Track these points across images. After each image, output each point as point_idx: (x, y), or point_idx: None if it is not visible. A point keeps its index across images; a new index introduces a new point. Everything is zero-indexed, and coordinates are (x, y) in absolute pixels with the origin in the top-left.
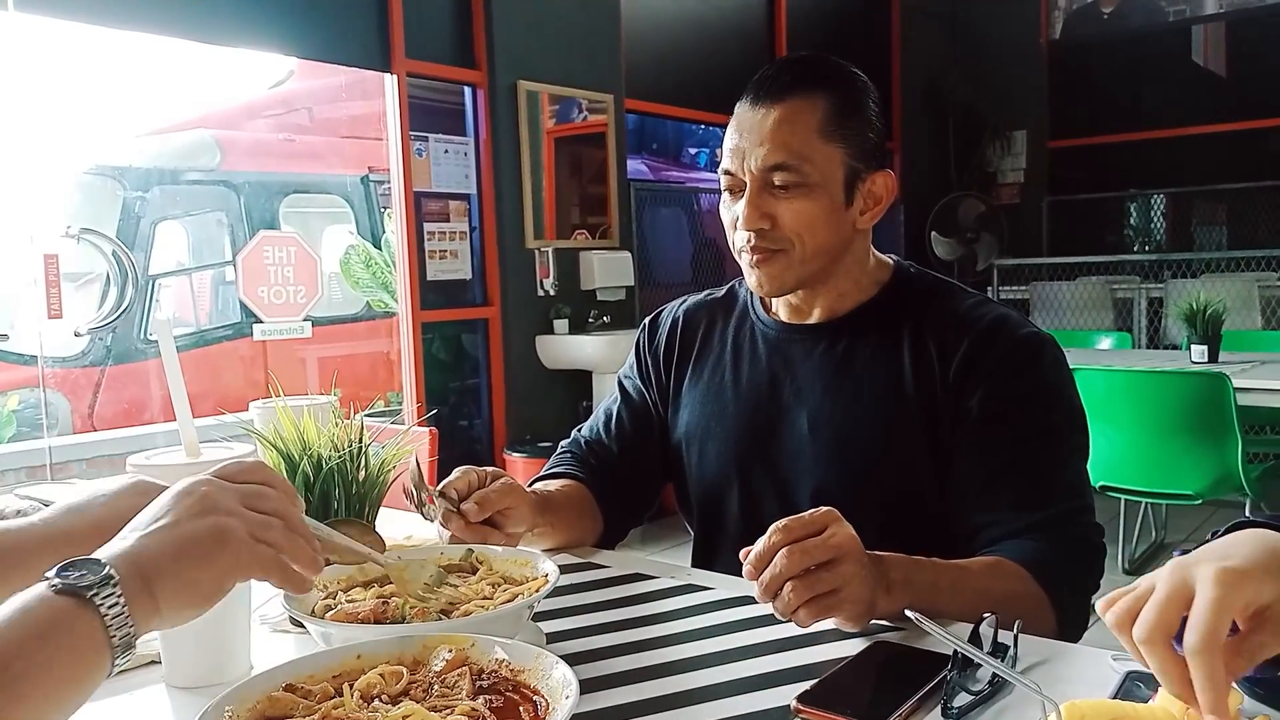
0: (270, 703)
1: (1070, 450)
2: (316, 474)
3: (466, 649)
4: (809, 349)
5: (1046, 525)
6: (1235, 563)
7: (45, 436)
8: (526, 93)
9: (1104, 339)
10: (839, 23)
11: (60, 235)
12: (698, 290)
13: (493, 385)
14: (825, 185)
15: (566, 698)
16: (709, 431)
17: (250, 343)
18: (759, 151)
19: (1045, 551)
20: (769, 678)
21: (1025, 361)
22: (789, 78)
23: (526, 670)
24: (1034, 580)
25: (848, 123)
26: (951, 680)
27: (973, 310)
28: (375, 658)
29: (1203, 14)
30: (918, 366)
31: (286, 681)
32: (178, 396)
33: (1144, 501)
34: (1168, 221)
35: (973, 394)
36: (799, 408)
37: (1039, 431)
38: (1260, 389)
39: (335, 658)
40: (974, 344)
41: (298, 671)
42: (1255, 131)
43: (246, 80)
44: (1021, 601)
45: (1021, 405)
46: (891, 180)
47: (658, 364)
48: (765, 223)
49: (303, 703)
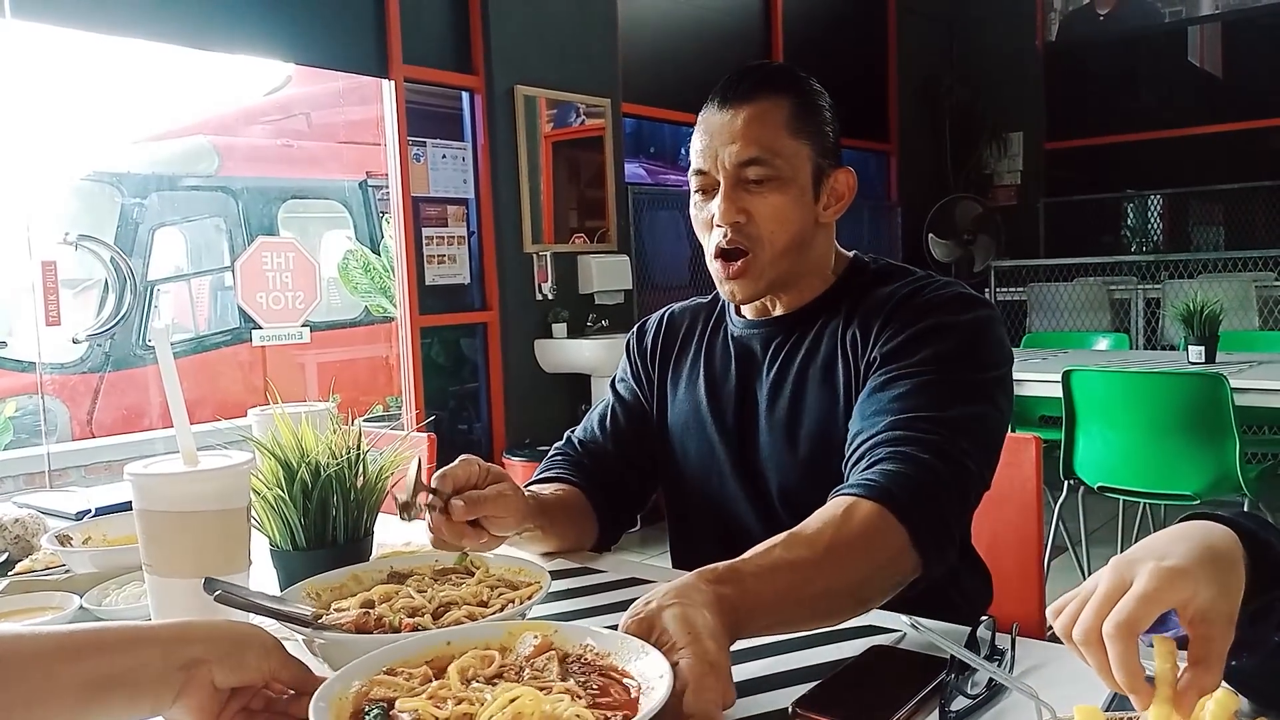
0: (373, 685)
1: (958, 381)
2: (314, 481)
3: (550, 635)
4: (766, 345)
5: (892, 432)
6: (1172, 561)
7: (44, 443)
8: (524, 97)
9: (1101, 340)
10: (835, 26)
11: (58, 242)
12: (696, 293)
13: (491, 389)
14: (795, 179)
15: (661, 677)
16: (688, 430)
17: (249, 348)
18: (732, 148)
19: (892, 475)
20: (766, 681)
21: (928, 308)
22: (754, 81)
23: (612, 654)
24: (894, 519)
25: (811, 121)
26: (949, 684)
27: (904, 283)
28: (465, 644)
29: (1198, 15)
30: (847, 346)
31: (387, 666)
32: (175, 405)
33: (1142, 502)
34: (1165, 222)
35: (877, 345)
36: (764, 406)
37: (923, 359)
38: (1258, 389)
39: (427, 644)
40: (891, 307)
41: (393, 657)
42: (1252, 131)
43: (244, 86)
44: (889, 556)
45: (913, 340)
46: (852, 178)
47: (646, 365)
48: (741, 217)
49: (405, 684)
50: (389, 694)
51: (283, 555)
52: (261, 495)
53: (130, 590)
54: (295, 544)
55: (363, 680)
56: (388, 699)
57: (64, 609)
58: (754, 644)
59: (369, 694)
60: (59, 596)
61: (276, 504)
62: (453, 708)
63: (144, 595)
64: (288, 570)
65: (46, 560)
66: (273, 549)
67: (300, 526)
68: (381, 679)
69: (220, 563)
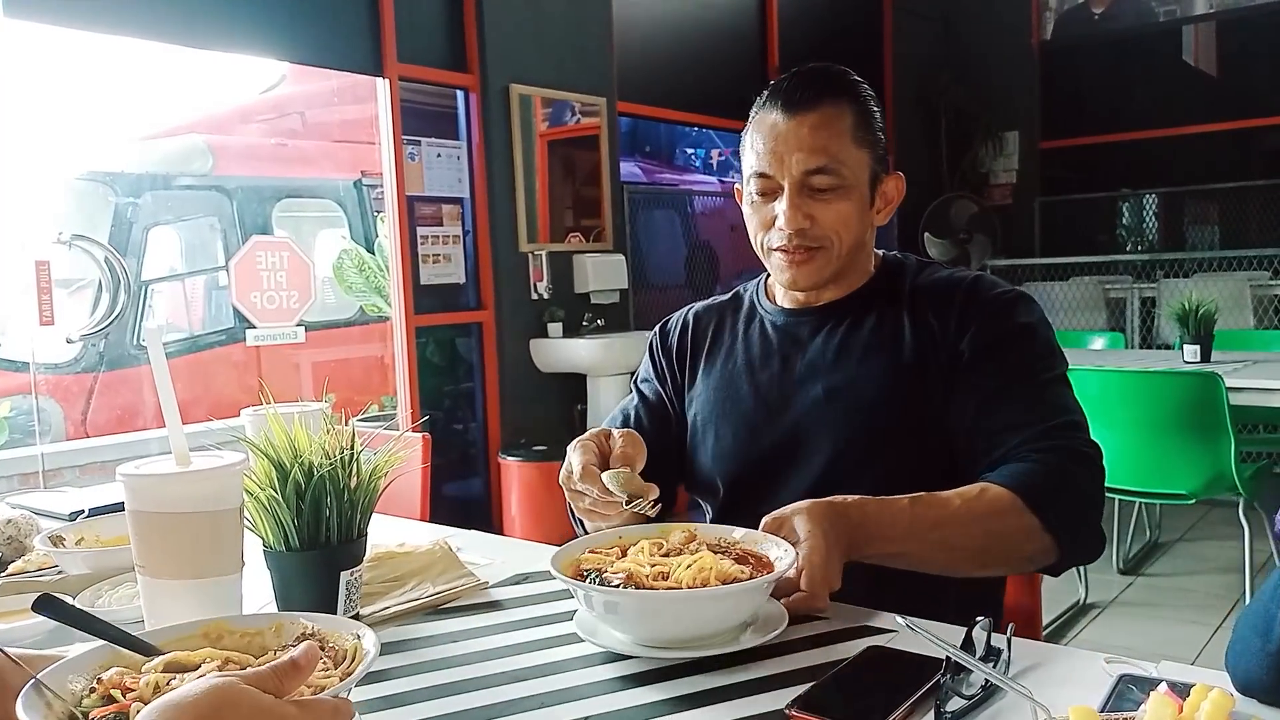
0: (583, 560)
1: (1054, 377)
2: (307, 482)
3: (694, 530)
4: (816, 328)
5: (1038, 439)
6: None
7: (38, 443)
8: (519, 96)
9: (1097, 339)
10: (831, 24)
11: (52, 242)
12: (692, 292)
13: (487, 389)
14: (857, 187)
15: (786, 552)
16: (724, 414)
17: (243, 348)
18: (799, 155)
19: (1034, 472)
20: (763, 683)
21: (1004, 308)
22: (819, 86)
23: (742, 541)
24: (1024, 506)
25: (870, 129)
26: (944, 685)
27: (955, 275)
28: (633, 537)
29: (1193, 14)
30: (916, 328)
31: (589, 547)
32: (167, 405)
33: (1138, 501)
34: (1160, 221)
35: (963, 337)
36: (812, 380)
37: (1022, 362)
38: (1252, 388)
39: (603, 539)
40: (963, 299)
41: (587, 544)
42: (1246, 131)
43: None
44: (1012, 532)
45: (1005, 342)
46: (901, 182)
47: (671, 363)
48: (806, 222)
49: (604, 558)
50: (598, 564)
51: (276, 556)
52: (254, 496)
53: (123, 591)
54: (288, 545)
55: (574, 558)
56: (598, 567)
57: None
58: (749, 647)
59: (582, 565)
60: None
61: (269, 505)
62: (651, 568)
63: (137, 596)
64: (281, 572)
65: (39, 561)
66: (266, 550)
67: (293, 528)
68: (585, 557)
69: (212, 564)
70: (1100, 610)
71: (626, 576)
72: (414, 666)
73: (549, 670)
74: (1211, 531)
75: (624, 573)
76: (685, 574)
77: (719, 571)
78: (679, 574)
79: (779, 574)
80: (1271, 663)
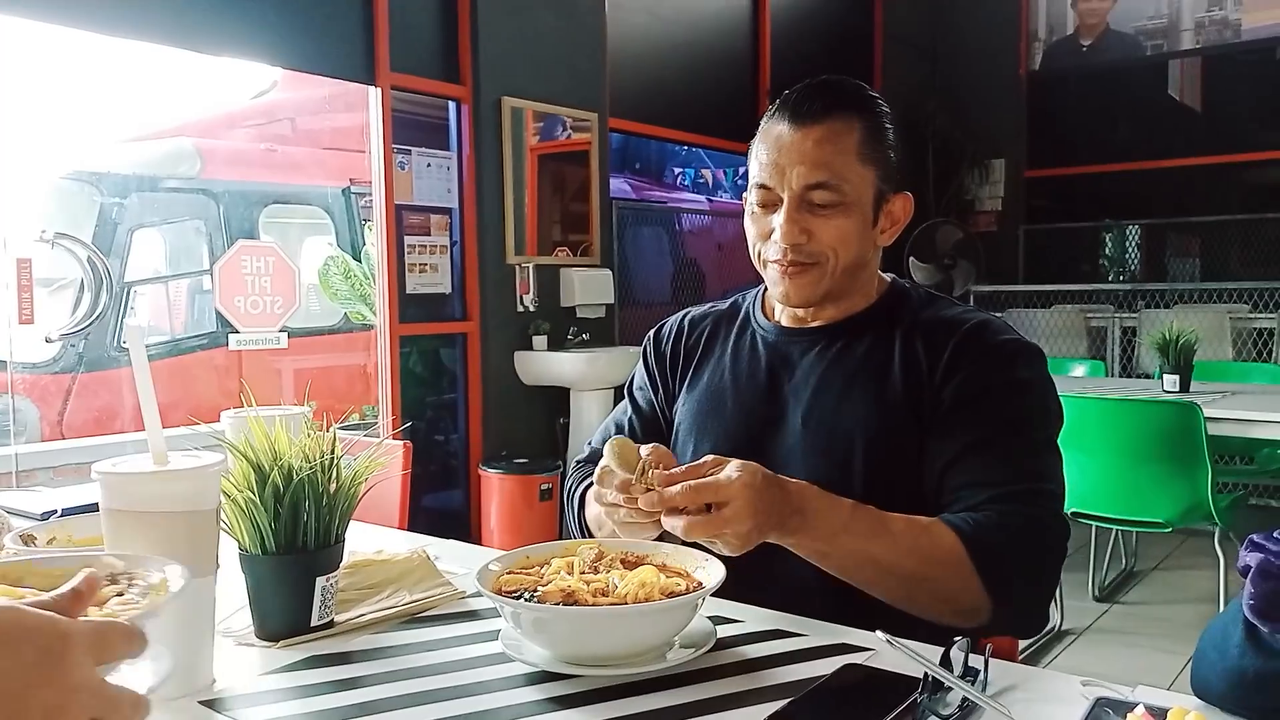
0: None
1: (1040, 441)
2: (287, 485)
3: (598, 546)
4: (806, 350)
5: (1005, 500)
6: None
7: (12, 444)
8: (511, 109)
9: (1078, 366)
10: (821, 49)
11: (34, 240)
12: (678, 309)
13: (470, 400)
14: (859, 205)
15: (708, 561)
16: (704, 428)
17: (225, 352)
18: (800, 169)
19: (988, 526)
20: (739, 698)
21: (1003, 360)
22: (827, 99)
23: (649, 554)
24: (964, 550)
25: (879, 146)
26: (922, 704)
27: (961, 315)
28: (543, 555)
29: (1179, 49)
30: (906, 363)
31: (506, 569)
32: (146, 403)
33: (1114, 529)
34: (1142, 252)
35: (949, 383)
36: (795, 404)
37: (1008, 419)
38: (1230, 419)
39: (513, 557)
40: (958, 342)
41: (505, 565)
42: (1229, 165)
43: (229, 89)
44: (947, 578)
45: (993, 394)
46: (909, 203)
47: (664, 370)
48: (803, 237)
49: (522, 578)
50: (520, 584)
51: (251, 560)
52: (232, 498)
53: None
54: (264, 549)
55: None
56: (524, 586)
57: None
58: (726, 662)
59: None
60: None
61: (247, 507)
62: (590, 585)
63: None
64: (256, 575)
65: None
66: (241, 553)
67: (270, 531)
68: (516, 574)
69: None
70: (1075, 637)
71: (567, 594)
72: (388, 675)
73: (526, 680)
74: (1187, 560)
75: (563, 590)
76: (630, 590)
77: (662, 586)
78: (624, 589)
79: (714, 586)
80: (1227, 676)
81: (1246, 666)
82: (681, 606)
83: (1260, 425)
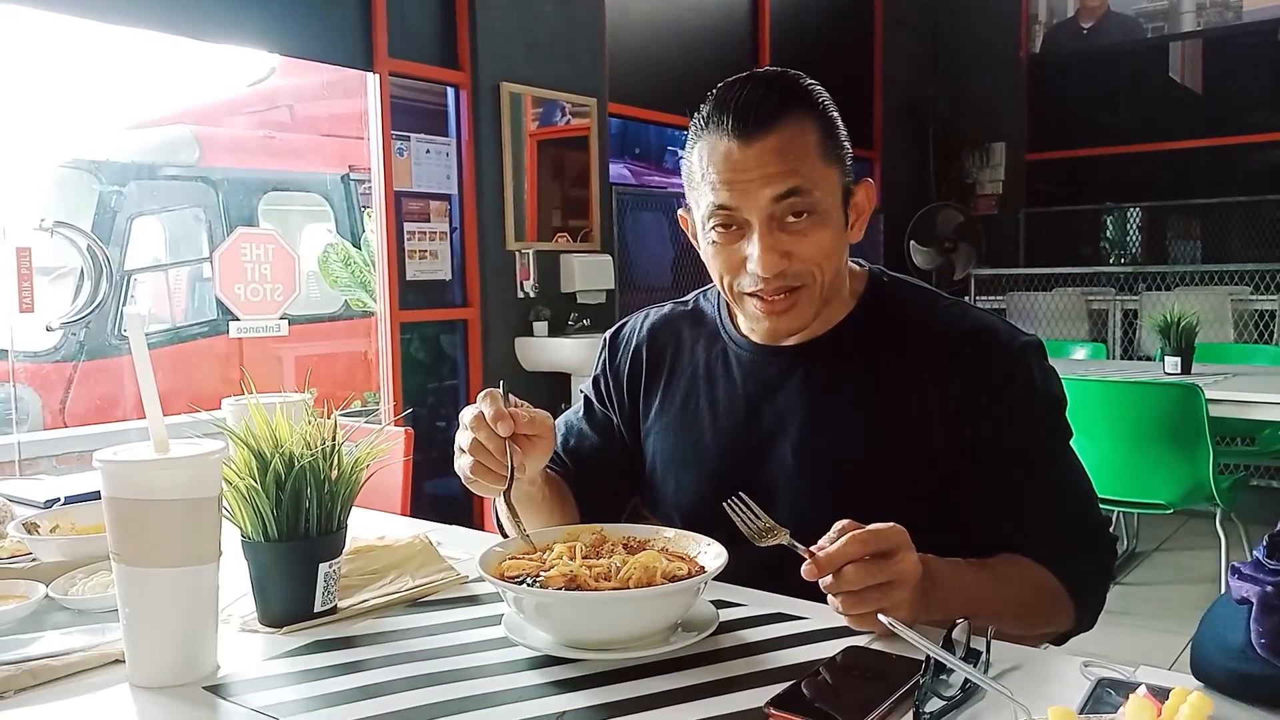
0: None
1: (1063, 445)
2: (288, 472)
3: (601, 531)
4: (788, 370)
5: (1066, 532)
6: None
7: (14, 432)
8: (510, 94)
9: (1079, 349)
10: (822, 33)
11: (34, 228)
12: (678, 294)
13: (471, 386)
14: (832, 211)
15: (710, 546)
16: (684, 461)
17: (226, 340)
18: (766, 187)
19: (1077, 570)
20: (740, 681)
21: (1024, 378)
22: (775, 102)
23: (650, 539)
24: (1067, 596)
25: (836, 141)
26: (924, 685)
27: (957, 321)
28: (545, 540)
29: (1180, 31)
30: (905, 380)
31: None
32: (147, 390)
33: (1117, 511)
34: (1143, 235)
35: (980, 419)
36: (782, 437)
37: (1036, 433)
38: (1231, 400)
39: (518, 546)
40: (972, 362)
41: (509, 551)
42: (1229, 147)
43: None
44: (1043, 596)
45: (1017, 409)
46: (871, 189)
47: (620, 386)
48: (784, 262)
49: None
50: (521, 570)
51: (253, 547)
52: (233, 485)
53: (98, 579)
54: (267, 536)
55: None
56: (526, 572)
57: (29, 597)
58: (727, 645)
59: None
60: (24, 585)
61: (248, 494)
62: (593, 570)
63: (112, 585)
64: (258, 562)
65: (12, 548)
66: (244, 541)
67: (272, 518)
68: (519, 559)
69: (189, 552)
70: None
71: (569, 579)
72: (391, 659)
73: (529, 664)
74: (1189, 542)
75: (565, 575)
76: (632, 574)
77: (664, 570)
78: (626, 573)
79: (716, 569)
80: (1229, 674)
81: (1250, 670)
82: (684, 590)
83: (1261, 407)
